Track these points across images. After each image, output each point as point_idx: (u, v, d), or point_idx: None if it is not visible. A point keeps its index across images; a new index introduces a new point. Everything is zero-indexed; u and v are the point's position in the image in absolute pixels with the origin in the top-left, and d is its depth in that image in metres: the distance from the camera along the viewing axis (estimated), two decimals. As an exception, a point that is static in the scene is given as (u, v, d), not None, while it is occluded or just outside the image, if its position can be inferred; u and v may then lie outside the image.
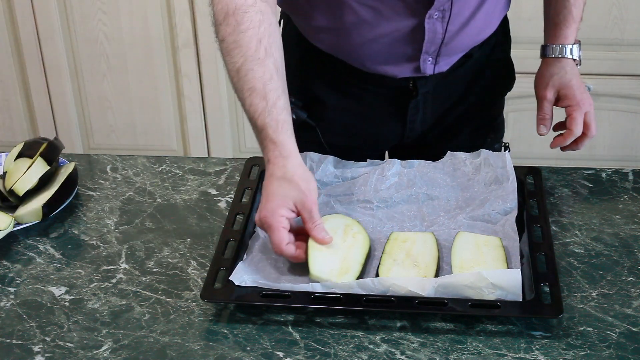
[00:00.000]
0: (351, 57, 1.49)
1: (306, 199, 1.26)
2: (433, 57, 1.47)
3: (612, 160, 2.66)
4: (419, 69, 1.48)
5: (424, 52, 1.45)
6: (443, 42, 1.44)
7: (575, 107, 1.50)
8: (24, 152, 1.49)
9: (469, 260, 1.25)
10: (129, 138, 2.84)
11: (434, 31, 1.42)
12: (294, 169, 1.28)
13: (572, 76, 1.53)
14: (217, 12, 1.32)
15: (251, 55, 1.30)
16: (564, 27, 1.53)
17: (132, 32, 2.67)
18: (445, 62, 1.50)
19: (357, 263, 1.26)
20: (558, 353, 1.13)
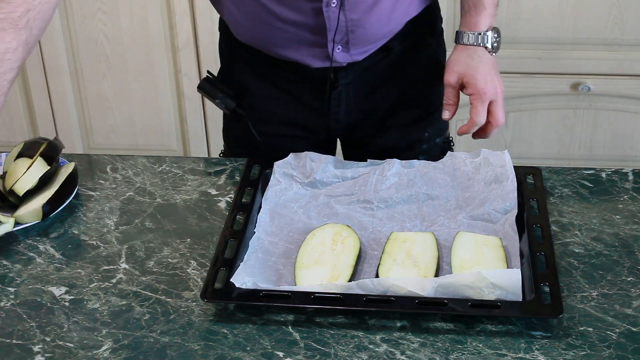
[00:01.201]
0: (263, 45, 1.52)
1: None
2: (342, 45, 1.48)
3: (612, 160, 2.66)
4: (329, 57, 1.49)
5: (330, 40, 1.47)
6: (347, 29, 1.46)
7: (476, 96, 1.46)
8: (24, 152, 1.49)
9: (468, 260, 1.25)
10: (129, 138, 2.84)
11: (335, 19, 1.44)
12: None
13: (479, 64, 1.48)
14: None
15: (12, 18, 1.27)
16: (474, 14, 1.50)
17: (132, 32, 2.67)
18: (359, 51, 1.51)
19: (348, 266, 1.26)
20: (558, 353, 1.13)
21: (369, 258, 1.31)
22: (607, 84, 2.56)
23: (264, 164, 1.49)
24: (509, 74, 2.54)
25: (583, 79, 2.57)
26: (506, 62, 2.49)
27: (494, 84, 1.46)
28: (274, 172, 1.45)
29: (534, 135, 2.68)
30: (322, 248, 1.29)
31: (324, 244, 1.30)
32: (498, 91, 1.46)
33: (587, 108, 2.62)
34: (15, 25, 1.27)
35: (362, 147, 1.64)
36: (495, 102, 1.46)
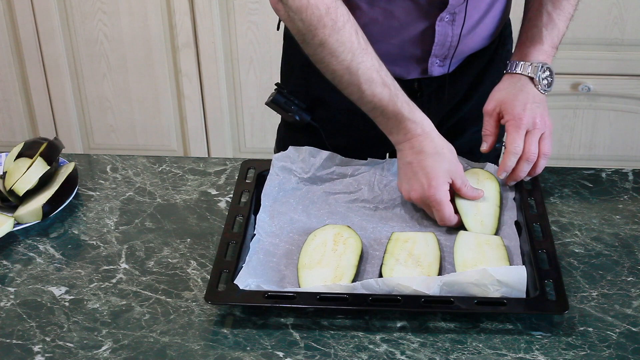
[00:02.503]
0: None
1: (457, 168, 1.35)
2: (441, 60, 1.47)
3: (612, 160, 2.66)
4: (426, 70, 1.48)
5: (433, 54, 1.46)
6: (451, 44, 1.45)
7: (511, 122, 1.40)
8: (24, 152, 1.49)
9: (471, 259, 1.25)
10: (129, 138, 2.84)
11: (444, 34, 1.43)
12: (441, 142, 1.36)
13: (520, 92, 1.43)
14: (309, 18, 1.30)
15: (357, 48, 1.32)
16: (528, 46, 1.46)
17: (132, 32, 2.67)
18: (453, 63, 1.50)
19: (351, 267, 1.26)
20: (558, 353, 1.13)
21: (370, 258, 1.31)
22: (607, 84, 2.56)
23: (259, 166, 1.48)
24: (509, 74, 2.54)
25: (583, 79, 2.57)
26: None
27: (533, 113, 1.40)
28: (272, 165, 1.45)
29: (534, 135, 2.67)
30: (324, 249, 1.29)
31: (325, 244, 1.30)
32: (537, 122, 1.40)
33: (587, 108, 2.62)
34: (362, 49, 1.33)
35: None
36: (531, 133, 1.40)
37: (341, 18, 1.31)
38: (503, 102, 1.42)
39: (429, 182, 1.33)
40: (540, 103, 1.42)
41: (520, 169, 1.39)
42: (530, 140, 1.39)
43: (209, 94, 2.74)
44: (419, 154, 1.35)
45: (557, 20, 1.46)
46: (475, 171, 1.43)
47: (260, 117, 2.74)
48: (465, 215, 1.35)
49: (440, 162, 1.34)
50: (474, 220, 1.34)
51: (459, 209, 1.37)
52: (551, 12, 1.46)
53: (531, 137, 1.39)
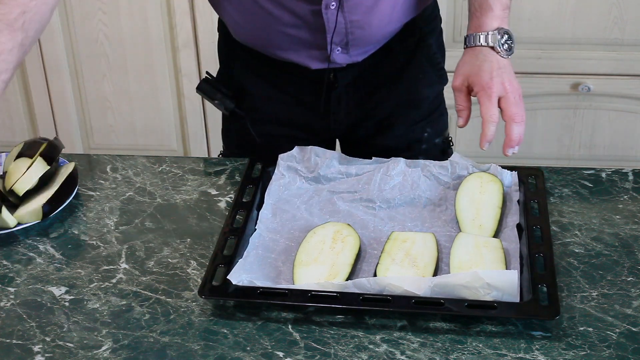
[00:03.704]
0: (261, 46, 1.52)
1: None
2: (342, 47, 1.48)
3: (612, 160, 2.66)
4: (329, 58, 1.49)
5: (331, 42, 1.47)
6: (347, 31, 1.45)
7: (481, 92, 1.37)
8: (24, 152, 1.49)
9: (467, 261, 1.25)
10: (129, 138, 2.84)
11: (334, 21, 1.44)
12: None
13: (484, 62, 1.40)
14: None
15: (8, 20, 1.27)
16: (479, 16, 1.44)
17: (132, 32, 2.67)
18: (358, 52, 1.51)
19: (346, 265, 1.26)
20: (558, 353, 1.13)
21: (368, 257, 1.31)
22: (607, 84, 2.56)
23: (266, 162, 1.49)
24: (509, 74, 2.54)
25: (583, 79, 2.57)
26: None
27: (501, 79, 1.38)
28: (278, 165, 1.45)
29: (534, 135, 2.68)
30: (322, 246, 1.29)
31: (324, 242, 1.30)
32: (507, 87, 1.37)
33: (587, 108, 2.62)
34: (11, 26, 1.27)
35: (362, 147, 1.64)
36: (505, 98, 1.37)
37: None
38: (469, 75, 1.40)
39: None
40: (505, 68, 1.41)
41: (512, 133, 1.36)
42: (508, 104, 1.36)
43: (209, 94, 2.74)
44: None
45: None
46: (479, 175, 1.43)
47: (260, 117, 2.73)
48: (464, 221, 1.35)
49: None
50: (472, 225, 1.34)
51: (458, 211, 1.37)
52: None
53: (507, 101, 1.37)
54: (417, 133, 1.63)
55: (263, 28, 1.47)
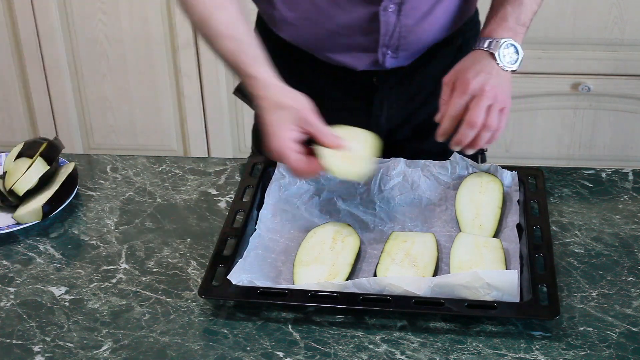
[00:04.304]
0: (311, 47, 1.51)
1: (302, 114, 1.29)
2: (392, 51, 1.48)
3: (612, 160, 2.66)
4: (377, 62, 1.49)
5: (382, 44, 1.46)
6: (400, 35, 1.45)
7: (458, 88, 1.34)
8: (24, 152, 1.49)
9: (467, 261, 1.25)
10: (129, 138, 2.84)
11: (389, 23, 1.43)
12: (280, 92, 1.31)
13: (477, 64, 1.37)
14: None
15: (212, 3, 1.35)
16: (493, 23, 1.42)
17: (132, 32, 2.67)
18: (406, 56, 1.50)
19: (346, 265, 1.26)
20: (558, 353, 1.13)
21: (368, 257, 1.31)
22: (607, 84, 2.56)
23: (266, 162, 1.49)
24: (509, 74, 2.54)
25: (583, 79, 2.57)
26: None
27: (484, 81, 1.34)
28: (278, 165, 1.45)
29: (534, 135, 2.68)
30: (322, 246, 1.29)
31: (324, 242, 1.30)
32: (486, 89, 1.33)
33: (587, 108, 2.62)
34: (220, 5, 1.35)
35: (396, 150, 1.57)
36: (477, 98, 1.33)
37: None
38: (459, 72, 1.38)
39: (269, 136, 1.30)
40: (498, 78, 1.37)
41: (462, 133, 1.33)
42: (473, 105, 1.32)
43: (209, 94, 2.74)
44: (263, 111, 1.32)
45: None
46: (479, 175, 1.43)
47: (260, 117, 2.73)
48: (464, 221, 1.35)
49: (280, 114, 1.29)
50: (472, 225, 1.34)
51: (457, 211, 1.37)
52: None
53: (475, 103, 1.32)
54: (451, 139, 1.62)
55: (314, 27, 1.46)
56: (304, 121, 1.29)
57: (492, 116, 1.32)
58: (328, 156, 1.27)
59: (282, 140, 1.27)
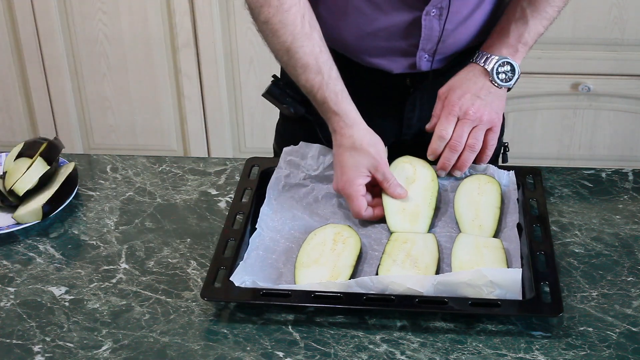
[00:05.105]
0: (348, 49, 1.50)
1: (378, 164, 1.35)
2: (429, 54, 1.47)
3: (612, 160, 2.66)
4: (414, 65, 1.49)
5: (421, 48, 1.46)
6: (440, 39, 1.44)
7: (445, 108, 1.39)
8: (24, 152, 1.49)
9: (468, 261, 1.25)
10: (129, 138, 2.84)
11: (431, 28, 1.43)
12: (361, 136, 1.36)
13: (467, 81, 1.42)
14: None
15: (299, 32, 1.35)
16: (494, 38, 1.45)
17: (132, 32, 2.67)
18: (441, 59, 1.50)
19: (348, 267, 1.26)
20: (558, 353, 1.13)
21: (369, 258, 1.31)
22: (607, 84, 2.56)
23: (263, 164, 1.49)
24: (509, 74, 2.54)
25: (583, 79, 2.57)
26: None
27: (470, 104, 1.38)
28: (281, 158, 1.45)
29: (534, 135, 2.68)
30: (323, 248, 1.29)
31: (324, 243, 1.30)
32: (470, 112, 1.38)
33: (587, 108, 2.62)
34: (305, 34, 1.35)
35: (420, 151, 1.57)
36: (461, 122, 1.38)
37: (289, 1, 1.34)
38: (450, 88, 1.42)
39: (341, 176, 1.35)
40: (488, 96, 1.40)
41: (445, 156, 1.39)
42: (457, 129, 1.38)
43: (209, 94, 2.74)
44: (339, 148, 1.37)
45: (529, 17, 1.44)
46: (477, 177, 1.43)
47: (260, 117, 2.74)
48: (464, 222, 1.35)
49: (356, 157, 1.35)
50: (472, 226, 1.34)
51: (457, 213, 1.36)
52: (525, 8, 1.44)
53: (460, 126, 1.38)
54: None
55: (354, 30, 1.46)
56: (375, 170, 1.36)
57: (475, 137, 1.37)
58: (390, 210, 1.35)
59: (354, 185, 1.34)
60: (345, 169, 1.35)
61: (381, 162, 1.36)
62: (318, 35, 1.37)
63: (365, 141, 1.36)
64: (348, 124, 1.36)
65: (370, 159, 1.35)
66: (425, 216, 1.36)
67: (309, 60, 1.35)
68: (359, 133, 1.36)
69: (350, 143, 1.36)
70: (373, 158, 1.36)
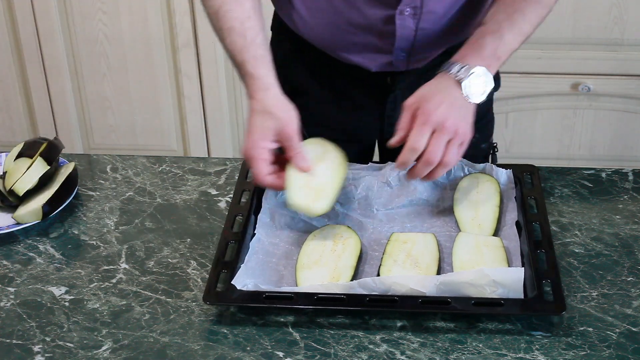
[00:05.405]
0: (326, 45, 1.51)
1: (286, 128, 1.31)
2: (406, 53, 1.48)
3: (612, 160, 2.66)
4: (392, 63, 1.49)
5: (397, 47, 1.46)
6: (415, 39, 1.45)
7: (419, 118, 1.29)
8: (24, 152, 1.49)
9: (468, 261, 1.25)
10: (129, 138, 2.84)
11: (405, 27, 1.43)
12: (273, 100, 1.33)
13: (440, 92, 1.32)
14: None
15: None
16: (468, 48, 1.36)
17: (132, 32, 2.67)
18: (420, 58, 1.50)
19: (349, 268, 1.26)
20: (558, 353, 1.13)
21: (369, 259, 1.31)
22: (607, 84, 2.56)
23: None
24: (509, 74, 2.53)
25: (583, 79, 2.57)
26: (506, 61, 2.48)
27: (446, 115, 1.29)
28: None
29: (534, 135, 2.68)
30: (323, 249, 1.29)
31: (324, 244, 1.30)
32: (447, 125, 1.28)
33: (587, 108, 2.62)
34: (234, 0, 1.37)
35: None
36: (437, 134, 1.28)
37: None
38: (422, 98, 1.32)
39: (248, 138, 1.32)
40: (462, 108, 1.32)
41: (418, 168, 1.29)
42: (433, 142, 1.28)
43: (209, 94, 2.74)
44: (251, 112, 1.35)
45: (505, 31, 1.36)
46: (475, 175, 1.43)
47: (260, 117, 2.73)
48: (463, 221, 1.35)
49: (266, 120, 1.32)
50: (471, 225, 1.34)
51: (456, 211, 1.36)
52: (502, 22, 1.36)
53: (435, 139, 1.28)
54: None
55: (332, 29, 1.47)
56: (284, 134, 1.31)
57: (450, 153, 1.29)
58: (292, 184, 1.30)
59: (257, 147, 1.30)
60: (252, 131, 1.31)
61: (290, 129, 1.32)
62: (251, 6, 1.37)
63: (277, 106, 1.33)
64: (262, 87, 1.34)
65: (279, 123, 1.31)
66: (328, 197, 1.31)
67: (234, 24, 1.36)
68: (272, 98, 1.34)
69: (261, 106, 1.33)
70: (282, 123, 1.31)
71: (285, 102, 1.34)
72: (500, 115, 2.61)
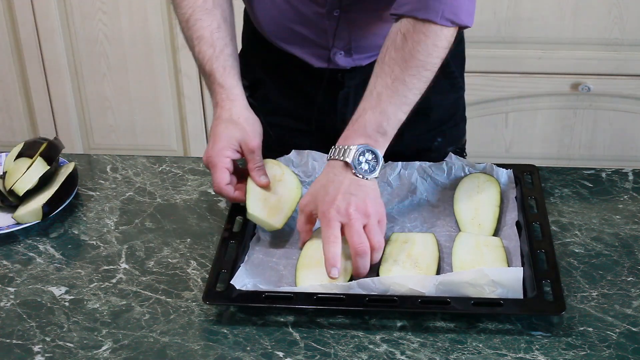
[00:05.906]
0: (276, 40, 1.53)
1: (250, 141, 1.34)
2: (345, 51, 1.48)
3: (612, 160, 2.66)
4: (330, 59, 1.50)
5: (333, 45, 1.47)
6: (350, 37, 1.46)
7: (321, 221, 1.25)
8: (24, 152, 1.49)
9: (468, 261, 1.25)
10: (129, 138, 2.84)
11: (335, 27, 1.44)
12: (240, 111, 1.36)
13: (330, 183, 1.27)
14: None
15: (199, 6, 1.39)
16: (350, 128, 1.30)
17: (132, 32, 2.67)
18: (363, 57, 1.51)
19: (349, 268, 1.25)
20: (558, 353, 1.13)
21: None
22: (607, 84, 2.56)
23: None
24: (509, 74, 2.54)
25: (583, 79, 2.57)
26: (506, 62, 2.48)
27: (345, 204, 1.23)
28: None
29: (534, 135, 2.68)
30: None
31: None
32: (351, 213, 1.23)
33: (587, 108, 2.62)
34: (205, 9, 1.38)
35: None
36: (347, 226, 1.23)
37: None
38: (316, 197, 1.27)
39: (211, 146, 1.34)
40: (360, 189, 1.26)
41: (356, 266, 1.23)
42: (351, 233, 1.22)
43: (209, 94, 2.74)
44: (216, 119, 1.36)
45: (386, 105, 1.29)
46: (476, 175, 1.43)
47: (260, 117, 2.74)
48: (463, 221, 1.35)
49: (230, 129, 1.34)
50: (471, 224, 1.34)
51: (456, 211, 1.36)
52: (381, 93, 1.29)
53: (350, 230, 1.23)
54: (427, 142, 1.59)
55: (273, 20, 1.49)
56: (247, 146, 1.34)
57: (374, 235, 1.24)
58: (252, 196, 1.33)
59: (220, 155, 1.32)
60: (216, 139, 1.33)
61: (254, 142, 1.34)
62: (221, 15, 1.39)
63: (243, 116, 1.36)
64: (230, 97, 1.37)
65: (243, 134, 1.34)
66: (284, 214, 1.34)
67: (204, 33, 1.38)
68: (238, 108, 1.36)
69: (228, 115, 1.35)
70: (246, 133, 1.34)
71: (251, 115, 1.37)
72: (500, 115, 2.63)
